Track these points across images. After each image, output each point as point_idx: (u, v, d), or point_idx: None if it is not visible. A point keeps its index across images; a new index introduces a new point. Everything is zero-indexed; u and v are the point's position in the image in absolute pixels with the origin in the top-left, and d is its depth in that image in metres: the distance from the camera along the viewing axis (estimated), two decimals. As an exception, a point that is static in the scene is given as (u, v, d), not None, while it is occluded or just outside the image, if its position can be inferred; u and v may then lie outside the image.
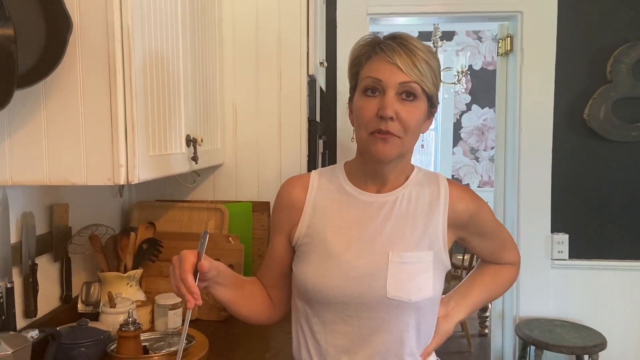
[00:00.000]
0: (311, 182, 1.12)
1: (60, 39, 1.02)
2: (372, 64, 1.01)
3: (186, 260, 0.94)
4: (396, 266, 1.00)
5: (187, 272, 0.93)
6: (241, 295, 1.10)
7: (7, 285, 1.20)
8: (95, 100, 1.08)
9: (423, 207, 1.07)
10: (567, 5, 2.42)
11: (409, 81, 0.98)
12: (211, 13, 1.71)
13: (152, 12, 1.20)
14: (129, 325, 1.24)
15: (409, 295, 0.99)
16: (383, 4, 2.48)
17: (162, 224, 1.82)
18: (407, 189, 1.09)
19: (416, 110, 1.00)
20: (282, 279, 1.15)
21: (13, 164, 1.11)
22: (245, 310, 1.12)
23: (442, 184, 1.10)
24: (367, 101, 1.01)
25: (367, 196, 1.08)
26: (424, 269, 1.02)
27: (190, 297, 0.91)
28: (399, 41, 1.00)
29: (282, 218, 1.13)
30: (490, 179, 5.64)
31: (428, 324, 1.06)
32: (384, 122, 0.98)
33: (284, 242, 1.13)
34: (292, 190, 1.12)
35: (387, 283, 0.99)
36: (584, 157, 2.48)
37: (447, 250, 1.06)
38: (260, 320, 1.16)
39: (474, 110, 5.65)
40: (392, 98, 0.98)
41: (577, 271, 2.51)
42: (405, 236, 1.03)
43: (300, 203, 1.10)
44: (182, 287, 0.93)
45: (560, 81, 2.46)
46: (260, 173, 1.91)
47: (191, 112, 1.48)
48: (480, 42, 5.59)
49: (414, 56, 0.98)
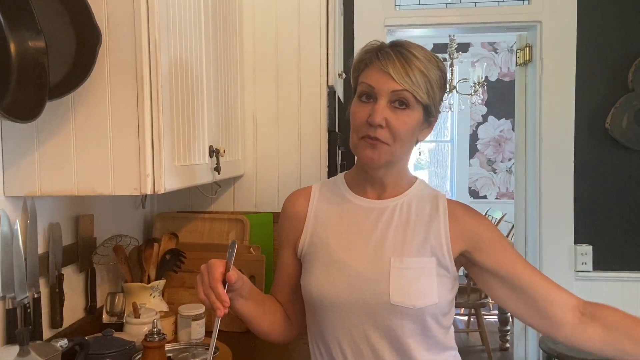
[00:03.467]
0: (313, 193, 1.15)
1: (89, 51, 1.04)
2: (369, 71, 1.02)
3: (216, 268, 0.95)
4: (398, 272, 1.00)
5: (217, 280, 0.93)
6: (262, 310, 1.11)
7: (35, 296, 1.21)
8: (122, 111, 1.10)
9: (423, 217, 1.06)
10: (586, 14, 2.41)
11: (401, 89, 0.98)
12: (232, 25, 1.73)
13: (177, 24, 1.22)
14: (153, 335, 1.24)
15: (413, 301, 0.98)
16: (400, 15, 2.49)
17: (184, 234, 1.82)
18: (407, 197, 1.09)
19: (407, 119, 1.00)
20: (294, 293, 1.14)
21: (42, 175, 1.13)
22: (266, 326, 1.12)
23: (441, 200, 1.09)
24: (360, 106, 1.03)
25: (368, 202, 1.09)
26: (427, 275, 1.01)
27: (219, 305, 0.92)
28: (397, 49, 1.01)
29: (287, 231, 1.15)
30: (508, 191, 5.59)
31: (436, 332, 1.03)
32: (373, 129, 0.99)
33: (291, 255, 1.14)
34: (295, 202, 1.15)
35: (389, 289, 0.98)
36: (607, 167, 2.45)
37: (452, 259, 1.04)
38: (280, 336, 1.16)
39: (491, 122, 5.62)
40: (383, 106, 0.99)
41: (602, 283, 2.46)
42: (406, 242, 1.03)
43: (303, 214, 1.12)
44: (212, 295, 0.93)
45: (580, 90, 2.44)
46: (280, 184, 1.91)
47: (214, 123, 1.50)
48: (495, 54, 5.58)
49: (409, 65, 0.98)
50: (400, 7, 2.53)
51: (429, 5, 2.55)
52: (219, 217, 1.86)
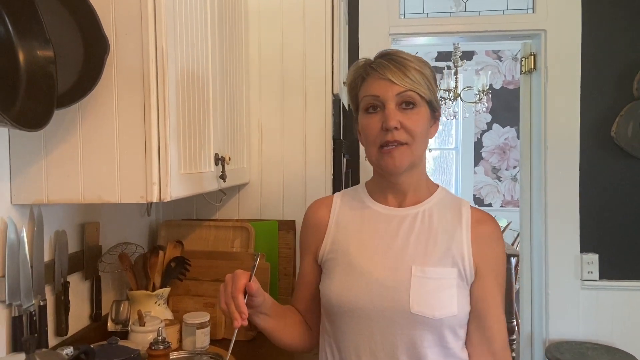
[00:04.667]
0: (334, 201, 1.16)
1: (97, 60, 1.05)
2: (367, 84, 1.05)
3: (239, 279, 0.96)
4: (419, 280, 1.00)
5: (239, 290, 0.95)
6: (284, 324, 1.12)
7: (40, 303, 1.22)
8: (129, 120, 1.10)
9: (445, 226, 1.06)
10: (591, 23, 2.41)
11: (404, 90, 1.02)
12: (238, 33, 1.74)
13: (184, 33, 1.23)
14: (158, 344, 1.24)
15: (433, 311, 0.98)
16: (405, 24, 2.50)
17: (189, 242, 1.82)
18: (429, 205, 1.09)
19: (418, 116, 1.04)
20: (314, 302, 1.15)
21: (49, 183, 1.13)
22: (288, 339, 1.13)
23: (465, 209, 1.09)
24: (370, 118, 1.05)
25: (389, 209, 1.09)
26: (448, 285, 1.00)
27: (237, 316, 0.93)
28: (388, 57, 1.04)
29: (308, 238, 1.16)
30: (513, 199, 5.57)
31: (453, 345, 1.03)
32: (390, 133, 1.01)
33: (312, 262, 1.15)
34: (317, 210, 1.16)
35: (410, 298, 0.98)
36: (613, 175, 2.44)
37: (472, 271, 1.03)
38: (301, 346, 1.17)
39: (495, 129, 5.61)
40: (393, 109, 1.02)
41: (608, 292, 2.44)
42: (428, 251, 1.03)
43: (324, 221, 1.13)
44: (232, 305, 0.94)
45: (585, 99, 2.43)
46: (285, 191, 1.91)
47: (219, 131, 1.50)
48: (500, 62, 5.58)
49: (404, 67, 1.02)
50: (404, 15, 2.54)
51: (433, 14, 2.56)
52: (224, 224, 1.86)
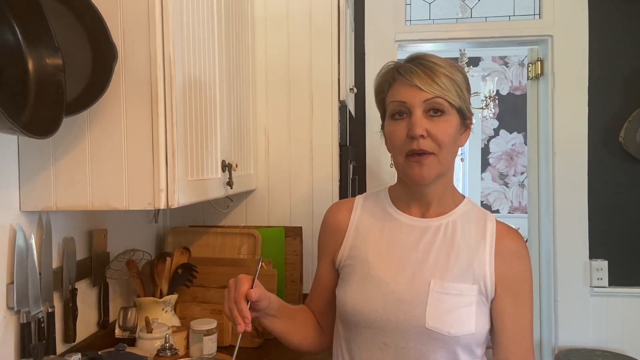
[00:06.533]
0: (355, 204, 1.13)
1: (105, 68, 1.06)
2: (394, 89, 1.02)
3: (242, 284, 0.95)
4: (437, 296, 0.97)
5: (242, 295, 0.94)
6: (293, 325, 1.11)
7: (49, 310, 1.22)
8: (137, 127, 1.11)
9: (468, 241, 1.02)
10: (597, 28, 2.40)
11: (432, 97, 0.98)
12: (245, 40, 1.75)
13: (191, 40, 1.24)
14: (166, 350, 1.24)
15: (449, 328, 0.95)
16: (411, 30, 2.50)
17: (196, 249, 1.83)
18: (453, 217, 1.05)
19: (447, 125, 0.99)
20: (329, 304, 1.14)
21: (58, 190, 1.14)
22: (297, 340, 1.12)
23: (490, 223, 1.05)
24: (396, 125, 1.01)
25: (410, 219, 1.07)
26: (467, 302, 0.97)
27: (240, 321, 0.92)
28: (417, 62, 1.01)
29: (327, 241, 1.14)
30: (521, 205, 5.54)
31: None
32: (416, 141, 0.98)
33: (329, 265, 1.14)
34: (338, 213, 1.14)
35: (426, 312, 0.96)
36: (621, 181, 2.42)
37: (493, 289, 1.00)
38: (312, 347, 1.16)
39: (502, 135, 5.59)
40: (420, 117, 0.98)
41: (618, 299, 2.42)
42: (448, 266, 1.00)
43: (344, 225, 1.11)
44: (235, 310, 0.93)
45: (593, 104, 2.42)
46: (292, 198, 1.91)
47: (226, 138, 1.51)
48: (506, 68, 5.56)
49: (433, 73, 0.98)
50: (410, 22, 2.54)
51: (439, 20, 2.56)
52: (231, 231, 1.86)
